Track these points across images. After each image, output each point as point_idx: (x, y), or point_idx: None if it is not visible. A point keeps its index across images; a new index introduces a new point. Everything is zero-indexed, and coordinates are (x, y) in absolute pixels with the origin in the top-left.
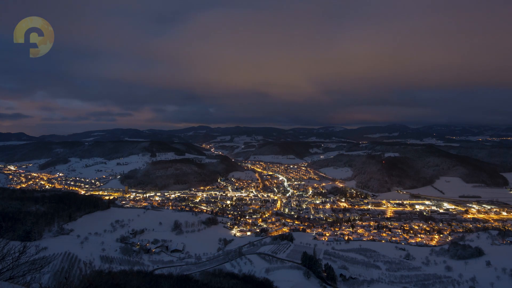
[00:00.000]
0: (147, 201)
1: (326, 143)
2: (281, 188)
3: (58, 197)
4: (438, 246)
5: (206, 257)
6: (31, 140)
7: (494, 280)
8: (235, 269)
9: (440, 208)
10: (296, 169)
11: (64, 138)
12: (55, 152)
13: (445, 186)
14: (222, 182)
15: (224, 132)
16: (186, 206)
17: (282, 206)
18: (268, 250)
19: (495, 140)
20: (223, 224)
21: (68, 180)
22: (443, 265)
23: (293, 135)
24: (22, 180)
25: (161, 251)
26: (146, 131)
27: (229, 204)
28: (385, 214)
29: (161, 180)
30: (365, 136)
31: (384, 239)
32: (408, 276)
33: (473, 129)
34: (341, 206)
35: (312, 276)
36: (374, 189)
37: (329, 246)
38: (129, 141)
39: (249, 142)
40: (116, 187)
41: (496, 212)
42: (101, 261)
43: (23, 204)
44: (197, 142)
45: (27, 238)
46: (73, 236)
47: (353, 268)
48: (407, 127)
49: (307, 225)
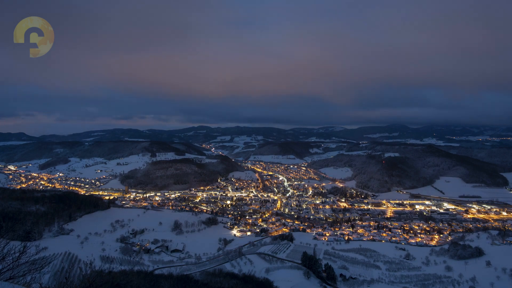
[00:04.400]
0: (147, 201)
1: (326, 143)
2: (281, 188)
3: (58, 197)
4: (438, 246)
5: (206, 257)
6: (31, 140)
7: (494, 280)
8: (235, 269)
9: (440, 208)
10: (296, 169)
11: (64, 138)
12: (55, 152)
13: (445, 186)
14: (222, 182)
15: (224, 132)
16: (186, 206)
17: (282, 206)
18: (268, 250)
19: (495, 140)
20: (223, 224)
21: (68, 180)
22: (443, 265)
23: (293, 135)
24: (22, 180)
25: (161, 251)
26: (146, 131)
27: (229, 204)
28: (385, 214)
29: (161, 180)
30: (365, 136)
31: (384, 239)
32: (408, 276)
33: (473, 129)
34: (341, 206)
35: (312, 276)
36: (374, 189)
37: (329, 246)
38: (129, 141)
39: (249, 142)
40: (116, 187)
41: (496, 212)
42: (101, 261)
43: (23, 204)
44: (197, 142)
45: (27, 238)
46: (73, 236)
47: (353, 268)
48: (407, 127)
49: (307, 225)
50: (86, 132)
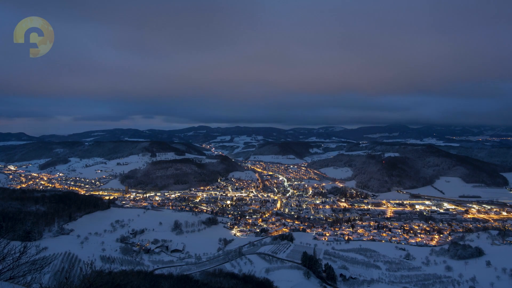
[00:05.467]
0: (147, 201)
1: (326, 143)
2: (281, 188)
3: (58, 197)
4: (438, 246)
5: (206, 257)
6: (31, 140)
7: (494, 280)
8: (235, 269)
9: (440, 208)
10: (296, 169)
11: (64, 138)
12: (55, 152)
13: (445, 186)
14: (222, 182)
15: (224, 132)
16: (186, 206)
17: (282, 206)
18: (268, 250)
19: (495, 140)
20: (223, 224)
21: (68, 180)
22: (443, 265)
23: (293, 135)
24: (22, 180)
25: (161, 251)
26: (146, 131)
27: (229, 204)
28: (385, 214)
29: (161, 180)
30: (365, 136)
31: (384, 239)
32: (408, 276)
33: (473, 129)
34: (341, 206)
35: (312, 276)
36: (374, 189)
37: (329, 246)
38: (129, 141)
39: (249, 142)
40: (116, 187)
41: (496, 212)
42: (102, 261)
43: (23, 204)
44: (197, 142)
45: (27, 238)
46: (73, 236)
47: (353, 268)
48: (407, 127)
49: (307, 225)
50: (86, 132)
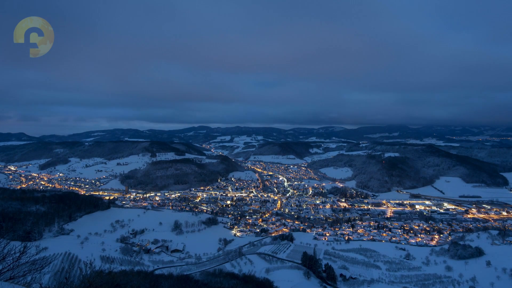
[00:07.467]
0: (147, 201)
1: (326, 143)
2: (281, 188)
3: (58, 197)
4: (438, 246)
5: (206, 257)
6: (31, 140)
7: (494, 280)
8: (235, 269)
9: (440, 208)
10: (296, 169)
11: (64, 138)
12: (55, 152)
13: (445, 186)
14: (222, 182)
15: (224, 132)
16: (186, 206)
17: (282, 206)
18: (268, 250)
19: (495, 140)
20: (223, 224)
21: (68, 180)
22: (443, 265)
23: (293, 135)
24: (22, 180)
25: (161, 251)
26: (146, 131)
27: (229, 204)
28: (385, 214)
29: (161, 180)
30: (365, 136)
31: (384, 239)
32: (408, 276)
33: (473, 129)
34: (341, 206)
35: (312, 276)
36: (374, 189)
37: (329, 246)
38: (129, 141)
39: (249, 142)
40: (116, 187)
41: (496, 212)
42: (102, 261)
43: (23, 204)
44: (197, 142)
45: (27, 238)
46: (73, 236)
47: (353, 268)
48: (407, 127)
49: (307, 225)
50: (86, 132)
